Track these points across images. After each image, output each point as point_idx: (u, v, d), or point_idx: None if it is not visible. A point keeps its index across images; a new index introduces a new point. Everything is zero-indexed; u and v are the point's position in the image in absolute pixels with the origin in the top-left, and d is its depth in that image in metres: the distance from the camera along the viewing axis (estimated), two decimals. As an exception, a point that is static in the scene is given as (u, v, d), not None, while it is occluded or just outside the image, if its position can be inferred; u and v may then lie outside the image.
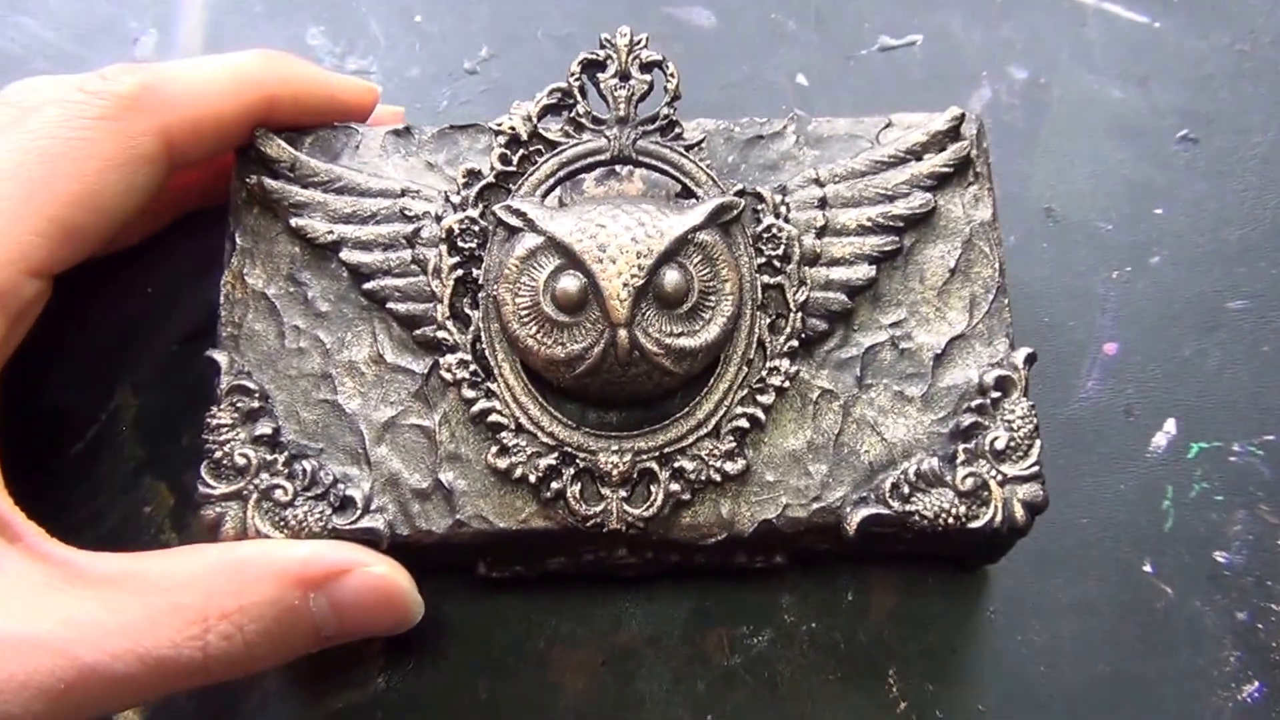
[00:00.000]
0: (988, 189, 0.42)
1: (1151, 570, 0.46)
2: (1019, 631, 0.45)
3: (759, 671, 0.44)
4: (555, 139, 0.41)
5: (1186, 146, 0.52)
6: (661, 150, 0.41)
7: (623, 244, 0.37)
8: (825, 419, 0.40)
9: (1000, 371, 0.40)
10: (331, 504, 0.39)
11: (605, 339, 0.37)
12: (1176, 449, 0.47)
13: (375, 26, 0.55)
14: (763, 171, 0.42)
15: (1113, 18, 0.54)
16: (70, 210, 0.38)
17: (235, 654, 0.35)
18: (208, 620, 0.35)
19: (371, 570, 0.37)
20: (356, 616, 0.37)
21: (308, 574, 0.36)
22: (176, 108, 0.40)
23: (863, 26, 0.54)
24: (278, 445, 0.40)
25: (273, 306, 0.42)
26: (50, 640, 0.33)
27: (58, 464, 0.46)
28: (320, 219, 0.42)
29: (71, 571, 0.35)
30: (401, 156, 0.43)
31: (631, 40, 0.42)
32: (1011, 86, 0.53)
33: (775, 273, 0.40)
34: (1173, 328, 0.49)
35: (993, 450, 0.39)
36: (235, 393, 0.40)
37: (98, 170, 0.39)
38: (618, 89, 0.42)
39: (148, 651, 0.34)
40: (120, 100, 0.39)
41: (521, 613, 0.45)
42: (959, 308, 0.41)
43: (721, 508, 0.40)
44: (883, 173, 0.42)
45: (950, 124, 0.42)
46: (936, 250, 0.42)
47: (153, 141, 0.40)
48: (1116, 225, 0.51)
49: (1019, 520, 0.39)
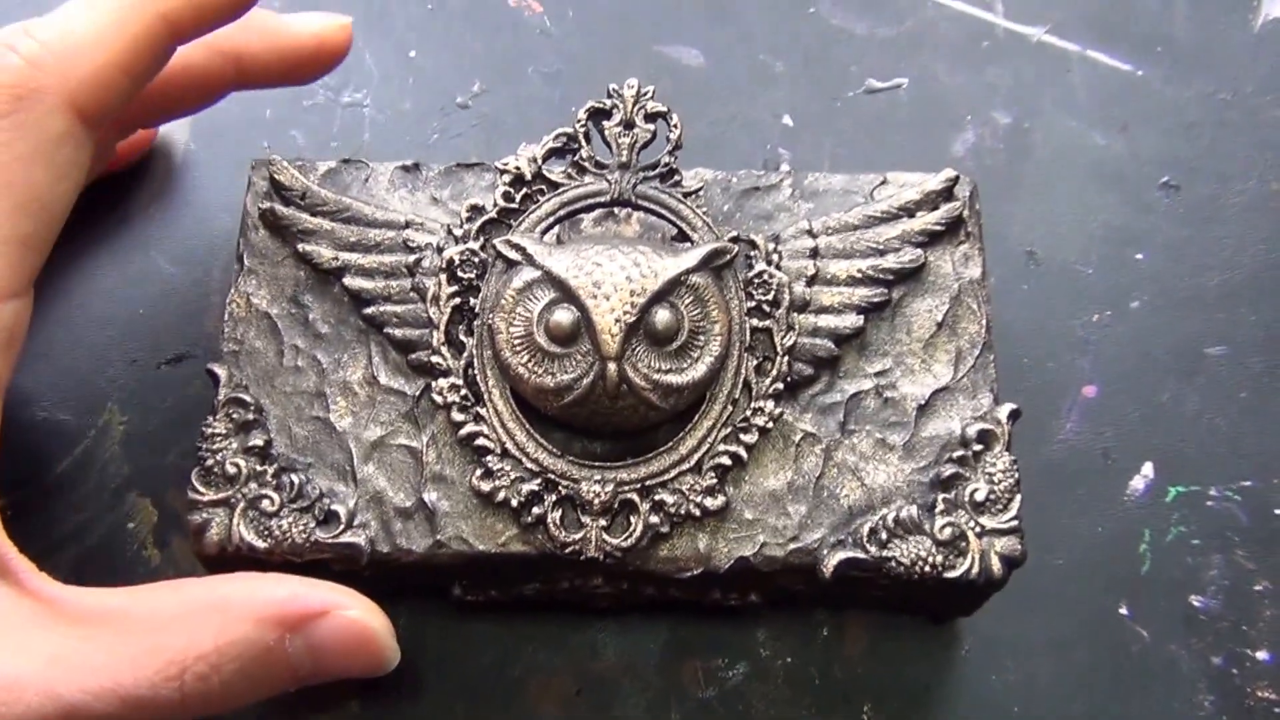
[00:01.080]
0: (978, 248, 0.43)
1: (1128, 613, 0.46)
2: (994, 671, 0.45)
3: (733, 704, 0.44)
4: (558, 180, 0.42)
5: (1168, 193, 0.53)
6: (660, 195, 0.42)
7: (617, 281, 0.38)
8: (807, 461, 0.41)
9: (983, 425, 0.41)
10: (316, 517, 0.40)
11: (595, 371, 0.38)
12: (1154, 493, 0.48)
13: (370, 60, 0.55)
14: (757, 221, 0.43)
15: (1096, 65, 0.55)
16: (15, 222, 0.36)
17: (211, 693, 0.35)
18: (185, 661, 0.35)
19: (347, 614, 0.37)
20: (332, 659, 0.37)
21: (285, 614, 0.36)
22: (71, 72, 0.37)
23: (849, 69, 0.55)
24: (268, 457, 0.40)
25: (274, 326, 0.43)
26: (35, 679, 0.33)
27: (45, 479, 0.47)
28: (326, 246, 0.43)
29: (59, 609, 0.35)
30: (408, 190, 0.44)
31: (639, 91, 0.43)
32: (995, 130, 0.54)
33: (764, 317, 0.41)
34: (1152, 372, 0.50)
35: (972, 502, 0.40)
36: (231, 404, 0.41)
37: (23, 171, 0.36)
38: (621, 136, 0.43)
39: (128, 692, 0.34)
40: (11, 90, 0.36)
41: (497, 640, 0.45)
42: (944, 361, 0.42)
43: (699, 542, 0.40)
44: (875, 227, 0.43)
45: (945, 184, 0.43)
46: (925, 304, 0.43)
47: (60, 118, 0.37)
48: (1097, 269, 0.51)
49: (995, 573, 0.39)
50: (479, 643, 0.45)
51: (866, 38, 0.56)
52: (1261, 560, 0.46)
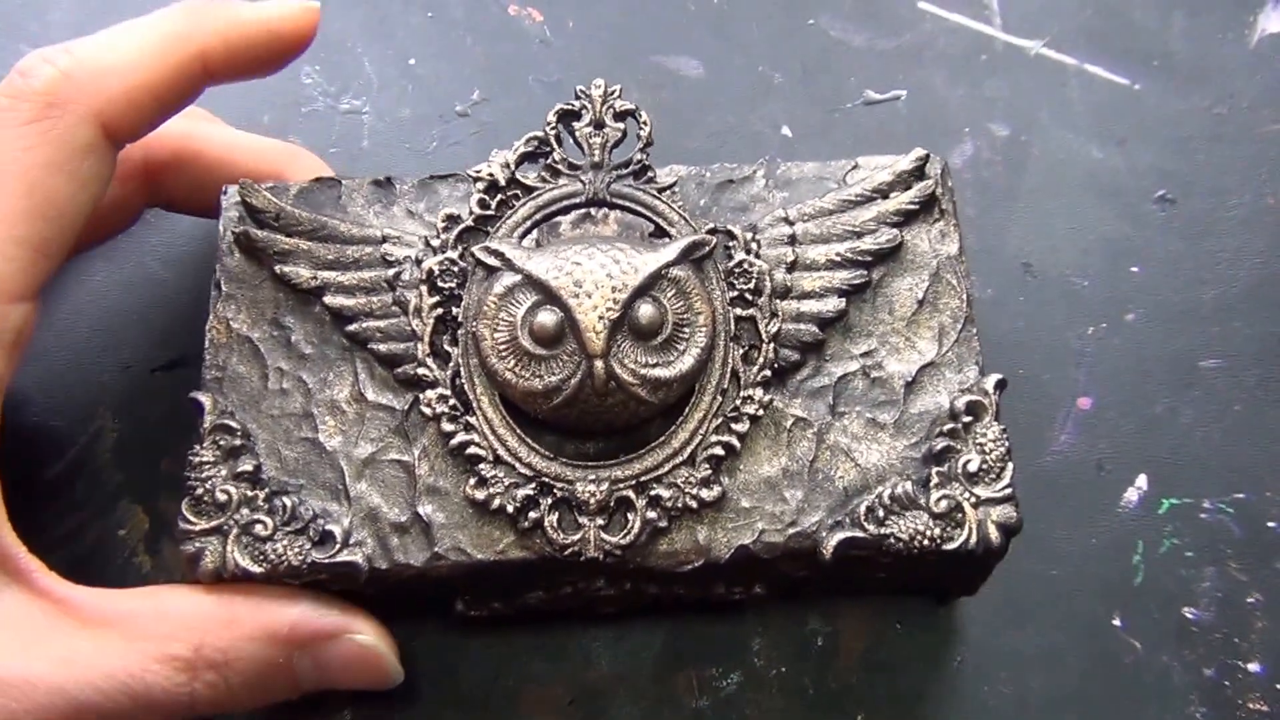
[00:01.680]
0: (953, 224, 0.43)
1: (1120, 624, 0.46)
2: (986, 681, 0.45)
3: (727, 714, 0.44)
4: (532, 184, 0.43)
5: (1164, 207, 0.53)
6: (635, 193, 0.42)
7: (598, 279, 0.38)
8: (799, 446, 0.41)
9: (971, 397, 0.40)
10: (311, 538, 0.39)
11: (582, 370, 0.38)
12: (1147, 505, 0.48)
13: (369, 68, 0.56)
14: (733, 213, 0.43)
15: (1093, 78, 0.56)
16: (32, 226, 0.37)
17: (219, 699, 0.37)
18: (196, 669, 0.36)
19: (357, 639, 0.39)
20: (337, 675, 0.39)
21: (295, 636, 0.37)
22: (104, 88, 0.38)
23: (848, 80, 0.56)
24: (259, 482, 0.40)
25: (257, 350, 0.42)
26: (47, 679, 0.34)
27: (37, 483, 0.47)
28: (304, 266, 0.42)
29: (70, 610, 0.36)
30: (383, 206, 0.44)
31: (606, 91, 0.43)
32: (993, 143, 0.54)
33: (747, 305, 0.41)
34: (1146, 384, 0.50)
35: (965, 473, 0.39)
36: (218, 431, 0.40)
37: (45, 177, 0.37)
38: (593, 137, 0.43)
39: (138, 694, 0.35)
40: (44, 96, 0.37)
41: (492, 649, 0.45)
42: (928, 337, 0.42)
43: (698, 534, 0.40)
44: (850, 211, 0.43)
45: (915, 164, 0.43)
46: (904, 283, 0.43)
47: (88, 130, 0.38)
48: (1093, 282, 0.51)
49: (993, 541, 0.39)
50: (474, 652, 0.45)
51: (865, 50, 0.57)
52: (1254, 573, 0.46)
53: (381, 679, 0.40)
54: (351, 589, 0.40)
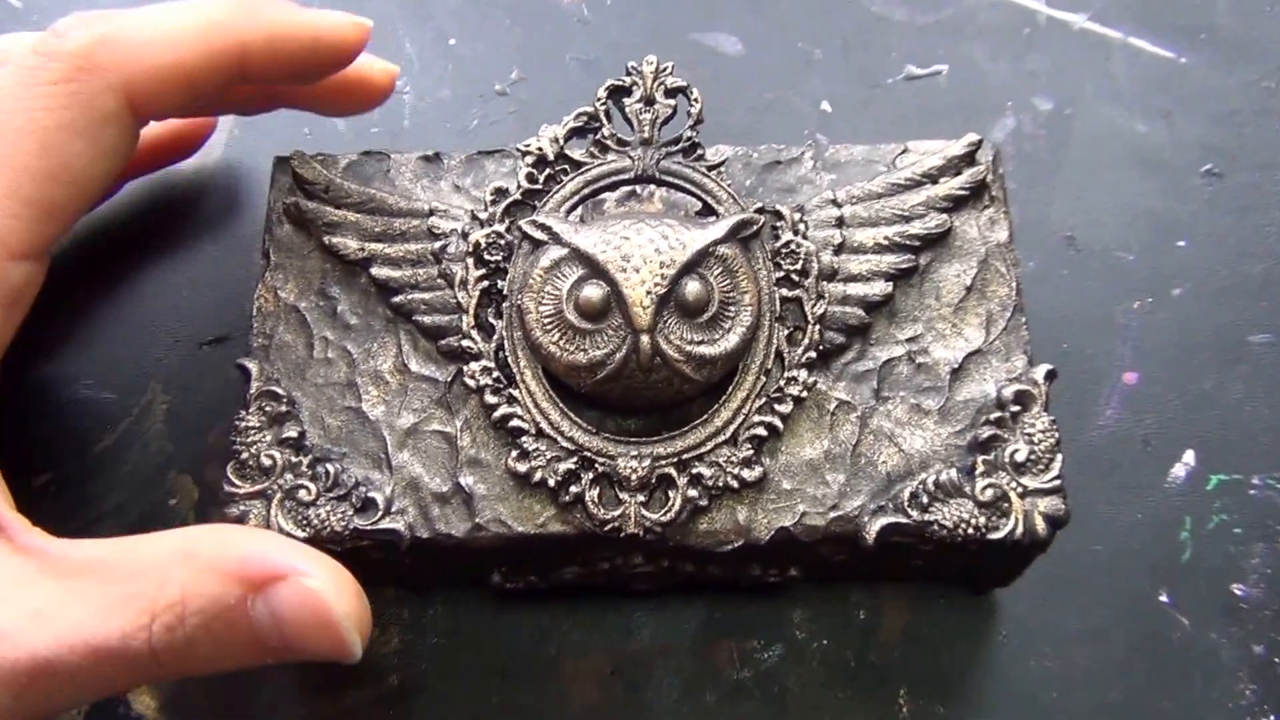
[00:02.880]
0: (1004, 212, 0.43)
1: (1168, 601, 0.45)
2: (1031, 656, 0.44)
3: (768, 686, 0.44)
4: (580, 159, 0.43)
5: (1210, 181, 0.52)
6: (684, 170, 0.42)
7: (646, 254, 0.38)
8: (842, 430, 0.41)
9: (1019, 386, 0.40)
10: (353, 505, 0.40)
11: (627, 345, 0.38)
12: (1195, 480, 0.47)
13: (410, 48, 0.56)
14: (780, 194, 0.43)
15: (1138, 52, 0.55)
16: (42, 186, 0.36)
17: (179, 649, 0.34)
18: (154, 610, 0.33)
19: (305, 581, 0.34)
20: (293, 632, 0.34)
21: (244, 573, 0.34)
22: (136, 60, 0.37)
23: (889, 55, 0.55)
24: (302, 448, 0.40)
25: (303, 319, 0.43)
26: (13, 632, 0.33)
27: (88, 456, 0.47)
28: (351, 237, 0.43)
29: (48, 563, 0.34)
30: (430, 180, 0.44)
31: (657, 68, 0.43)
32: (1036, 117, 0.54)
33: (793, 286, 0.41)
34: (1193, 359, 0.49)
35: (1013, 462, 0.39)
36: (264, 398, 0.41)
37: (63, 140, 0.37)
38: (642, 113, 0.43)
39: (100, 643, 0.33)
40: (73, 59, 0.37)
41: (533, 620, 0.45)
42: (975, 325, 0.42)
43: (739, 514, 0.40)
44: (899, 194, 0.43)
45: (967, 149, 0.43)
46: (953, 269, 0.42)
47: (113, 99, 0.37)
48: (1138, 256, 0.51)
49: (1039, 533, 0.38)
50: (515, 623, 0.45)
51: (906, 24, 0.56)
52: (1304, 549, 0.46)
53: (336, 640, 0.35)
54: (392, 558, 0.40)
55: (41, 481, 0.47)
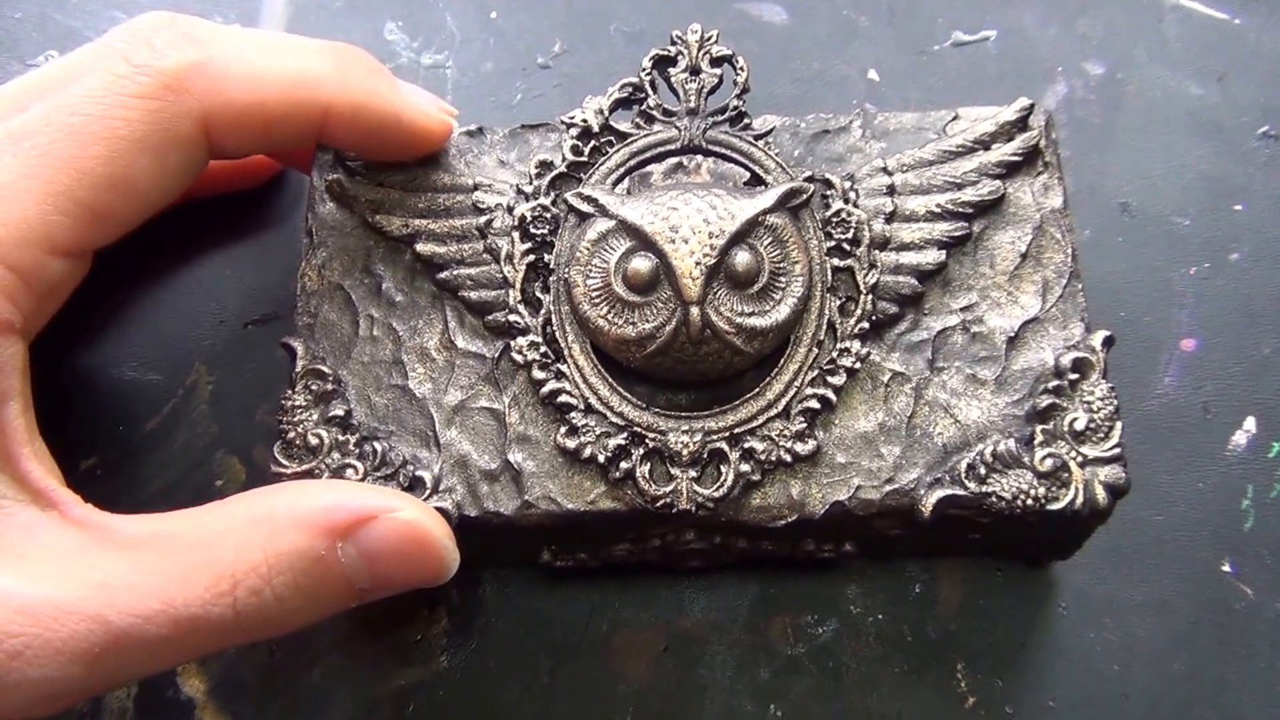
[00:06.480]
0: (1058, 177, 0.42)
1: (1231, 570, 0.45)
2: (1091, 628, 0.44)
3: (823, 661, 0.44)
4: (626, 130, 0.42)
5: (1267, 143, 0.51)
6: (731, 139, 0.42)
7: (695, 225, 0.38)
8: (897, 401, 0.40)
9: (1077, 354, 0.39)
10: (401, 484, 0.39)
11: (677, 318, 0.38)
12: (1257, 448, 0.46)
13: (451, 22, 0.55)
14: (829, 164, 0.43)
15: (1190, 13, 0.54)
16: (99, 193, 0.36)
17: (267, 609, 0.34)
18: (235, 575, 0.34)
19: (399, 516, 0.36)
20: (388, 566, 0.36)
21: (332, 522, 0.35)
22: (222, 94, 0.38)
23: (936, 22, 0.54)
24: (349, 427, 0.40)
25: (348, 297, 0.42)
26: (83, 606, 0.33)
27: (135, 437, 0.47)
28: (395, 214, 0.43)
29: (105, 535, 0.35)
30: (474, 155, 0.44)
31: (702, 36, 0.42)
32: (1088, 82, 0.53)
33: (845, 256, 0.41)
34: (1253, 326, 0.48)
35: (1072, 431, 0.38)
36: (310, 376, 0.41)
37: (133, 153, 0.37)
38: (688, 82, 0.42)
39: (179, 612, 0.33)
40: (163, 78, 0.37)
41: (585, 597, 0.45)
42: (1031, 292, 0.41)
43: (792, 489, 0.39)
44: (951, 161, 0.42)
45: (1019, 114, 0.42)
46: (1006, 236, 0.42)
47: (191, 125, 0.38)
48: (1194, 221, 0.50)
49: (1100, 502, 0.38)
50: (567, 600, 0.45)
51: (953, -11, 0.55)
52: (1369, 516, 0.45)
53: (434, 563, 0.37)
54: None
55: (88, 465, 0.47)
